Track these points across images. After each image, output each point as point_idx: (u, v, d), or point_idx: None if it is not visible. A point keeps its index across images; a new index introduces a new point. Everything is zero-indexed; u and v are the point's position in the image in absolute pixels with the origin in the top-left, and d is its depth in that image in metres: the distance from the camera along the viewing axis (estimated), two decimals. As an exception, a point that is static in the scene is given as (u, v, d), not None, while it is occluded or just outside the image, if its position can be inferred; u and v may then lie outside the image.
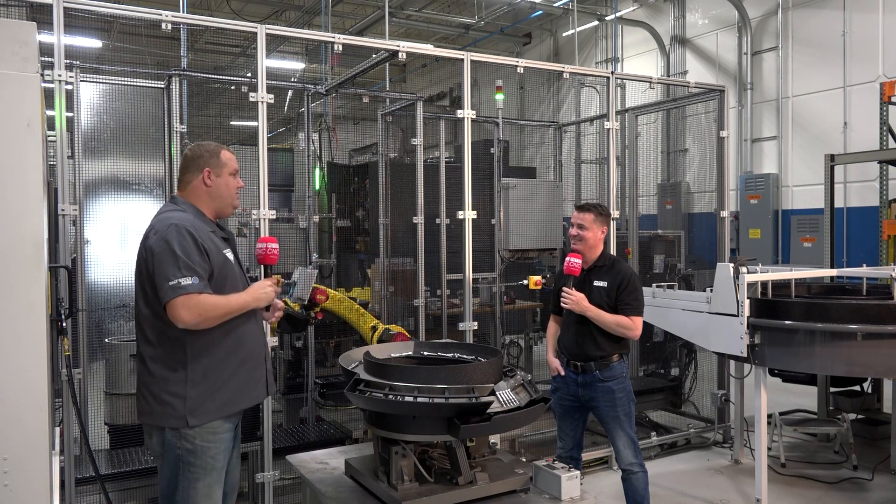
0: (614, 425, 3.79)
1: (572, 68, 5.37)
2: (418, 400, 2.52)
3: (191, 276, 2.55)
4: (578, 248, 3.81)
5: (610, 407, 3.76)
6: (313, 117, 5.82)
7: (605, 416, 3.79)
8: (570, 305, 3.69)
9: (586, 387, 3.78)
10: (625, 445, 3.79)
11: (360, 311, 4.74)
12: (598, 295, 3.76)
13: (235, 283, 2.78)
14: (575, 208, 3.93)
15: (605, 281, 3.78)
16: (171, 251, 2.58)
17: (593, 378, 3.76)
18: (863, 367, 4.44)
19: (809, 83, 9.43)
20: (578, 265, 3.69)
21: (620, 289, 3.74)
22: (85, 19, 4.72)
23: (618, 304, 3.74)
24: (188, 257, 2.58)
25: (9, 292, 2.10)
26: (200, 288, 2.56)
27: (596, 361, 3.75)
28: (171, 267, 2.55)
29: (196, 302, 2.54)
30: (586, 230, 3.79)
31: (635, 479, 3.80)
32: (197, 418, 2.64)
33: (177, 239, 2.60)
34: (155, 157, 4.94)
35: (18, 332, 2.11)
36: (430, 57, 9.53)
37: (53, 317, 3.12)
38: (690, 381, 6.38)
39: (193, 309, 2.53)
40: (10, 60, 2.13)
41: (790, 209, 9.63)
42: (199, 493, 2.67)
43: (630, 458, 3.79)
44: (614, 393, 3.75)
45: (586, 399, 3.81)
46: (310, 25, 11.97)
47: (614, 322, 3.70)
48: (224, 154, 2.88)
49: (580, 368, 3.79)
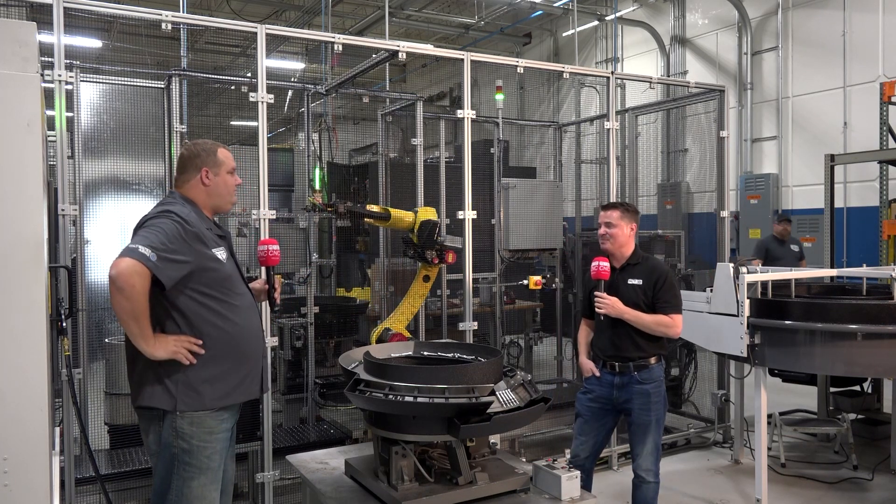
0: (644, 430, 3.68)
1: (572, 68, 5.36)
2: (418, 400, 2.51)
3: (153, 250, 2.51)
4: (608, 248, 3.74)
5: (644, 410, 3.67)
6: (313, 117, 5.82)
7: (638, 419, 3.69)
8: (605, 310, 3.60)
9: (622, 388, 3.69)
10: (648, 452, 3.69)
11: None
12: (634, 293, 3.68)
13: (233, 282, 2.78)
14: (601, 207, 3.86)
15: (639, 279, 3.69)
16: (152, 228, 2.59)
17: (631, 379, 3.67)
18: (863, 367, 4.44)
19: (809, 83, 9.43)
20: (607, 269, 3.62)
21: (657, 286, 3.66)
22: (85, 19, 4.72)
23: (655, 303, 3.66)
24: (165, 237, 2.56)
25: (9, 292, 2.10)
26: (154, 265, 2.48)
27: (634, 362, 3.67)
28: (141, 238, 2.56)
29: (137, 271, 2.45)
30: (614, 227, 3.72)
31: (647, 488, 3.72)
32: (186, 404, 2.63)
33: (165, 222, 2.61)
34: (155, 157, 4.93)
35: (18, 333, 2.11)
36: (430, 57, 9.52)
37: (53, 317, 3.13)
38: (690, 381, 6.38)
39: (128, 276, 2.44)
40: (11, 60, 2.13)
41: (790, 209, 9.63)
42: (193, 493, 2.67)
43: (648, 466, 3.70)
44: (650, 396, 3.67)
45: (621, 401, 3.71)
46: (310, 25, 11.97)
47: (654, 322, 3.63)
48: (221, 152, 2.88)
49: (618, 369, 3.70)
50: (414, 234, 4.51)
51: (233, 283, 2.78)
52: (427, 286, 4.74)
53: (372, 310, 6.27)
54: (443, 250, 4.48)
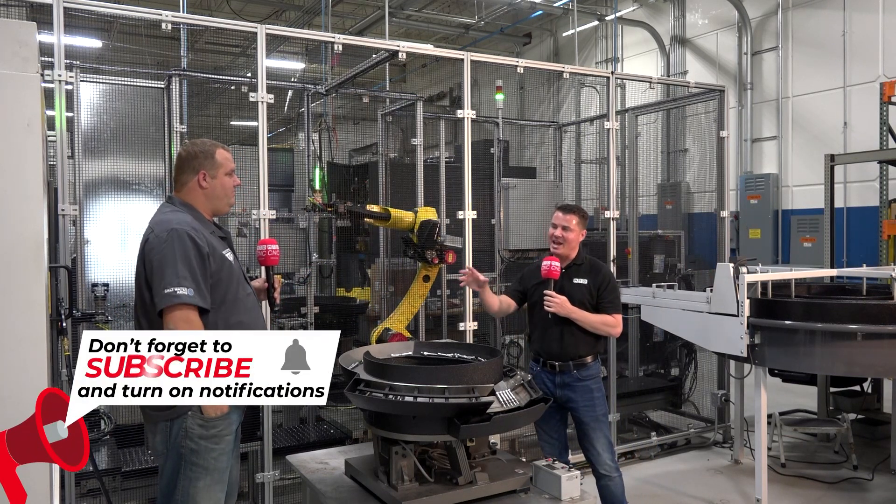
0: (594, 426, 3.74)
1: (572, 68, 5.37)
2: (418, 400, 2.52)
3: (187, 286, 2.55)
4: (560, 252, 3.81)
5: (589, 407, 3.73)
6: (313, 117, 5.82)
7: (584, 416, 3.75)
8: (554, 309, 3.65)
9: (564, 387, 3.76)
10: (604, 448, 3.75)
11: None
12: (580, 292, 3.76)
13: (238, 282, 2.79)
14: (557, 209, 3.91)
15: (585, 279, 3.79)
16: (170, 257, 2.57)
17: (571, 378, 3.74)
18: (863, 367, 4.44)
19: (809, 83, 9.43)
20: (558, 269, 3.69)
21: (602, 287, 3.76)
22: (85, 19, 4.73)
23: (600, 302, 3.76)
24: (186, 264, 2.57)
25: (9, 292, 2.10)
26: (195, 300, 2.56)
27: (574, 361, 3.74)
28: (169, 274, 2.55)
29: (187, 318, 2.55)
30: (571, 232, 3.80)
31: (613, 485, 3.75)
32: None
33: (177, 244, 2.59)
34: (155, 157, 4.93)
35: (18, 332, 2.11)
36: (430, 57, 9.53)
37: (53, 317, 3.13)
38: (690, 381, 6.38)
39: (183, 325, 2.53)
40: (11, 60, 2.13)
41: (790, 209, 9.63)
42: (200, 493, 2.67)
43: (609, 462, 3.75)
44: (592, 392, 3.74)
45: (564, 400, 3.78)
46: (310, 25, 11.97)
47: (600, 322, 3.72)
48: (219, 153, 2.85)
49: (558, 368, 3.76)
50: (414, 234, 4.51)
51: (239, 285, 2.79)
52: (427, 286, 4.74)
53: (372, 310, 6.26)
54: (443, 250, 4.49)
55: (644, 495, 4.88)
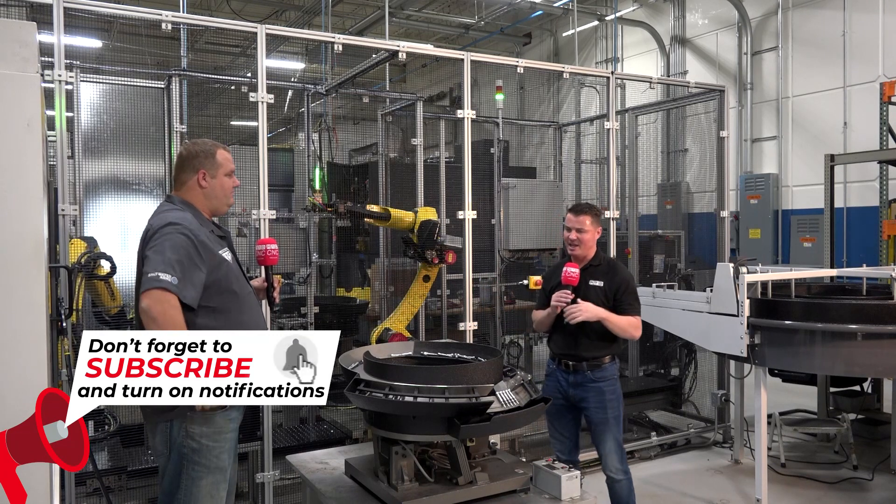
0: (603, 428, 3.72)
1: (572, 68, 5.37)
2: (418, 400, 2.51)
3: (172, 273, 2.51)
4: (577, 253, 3.77)
5: (600, 409, 3.71)
6: (313, 117, 5.83)
7: (595, 417, 3.73)
8: (583, 317, 3.57)
9: (577, 387, 3.74)
10: (612, 450, 3.73)
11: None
12: (595, 294, 3.71)
13: (237, 281, 2.79)
14: (569, 211, 3.85)
15: (601, 281, 3.73)
16: (161, 248, 2.57)
17: (584, 378, 3.71)
18: (863, 367, 4.44)
19: (809, 83, 9.43)
20: (577, 275, 3.63)
21: (621, 290, 3.71)
22: (85, 19, 4.73)
23: (619, 305, 3.70)
24: (176, 255, 2.56)
25: (9, 292, 2.10)
26: (177, 289, 2.52)
27: (588, 362, 3.71)
28: (157, 261, 2.54)
29: (163, 297, 2.48)
30: (586, 233, 3.75)
31: (620, 486, 3.74)
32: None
33: (170, 238, 2.59)
34: (155, 157, 4.94)
35: (18, 332, 2.11)
36: (430, 57, 9.54)
37: (53, 317, 3.13)
38: (690, 381, 6.38)
39: (157, 305, 2.47)
40: (11, 60, 2.13)
41: (790, 209, 9.63)
42: (202, 492, 2.67)
43: (616, 464, 3.73)
44: (605, 394, 3.70)
45: (577, 399, 3.76)
46: (310, 25, 11.97)
47: (627, 323, 3.67)
48: (220, 154, 2.85)
49: (571, 368, 3.75)
50: (414, 234, 4.51)
51: (238, 284, 2.79)
52: (427, 286, 4.74)
53: (372, 310, 6.27)
54: (443, 250, 4.49)
55: (644, 495, 4.87)
